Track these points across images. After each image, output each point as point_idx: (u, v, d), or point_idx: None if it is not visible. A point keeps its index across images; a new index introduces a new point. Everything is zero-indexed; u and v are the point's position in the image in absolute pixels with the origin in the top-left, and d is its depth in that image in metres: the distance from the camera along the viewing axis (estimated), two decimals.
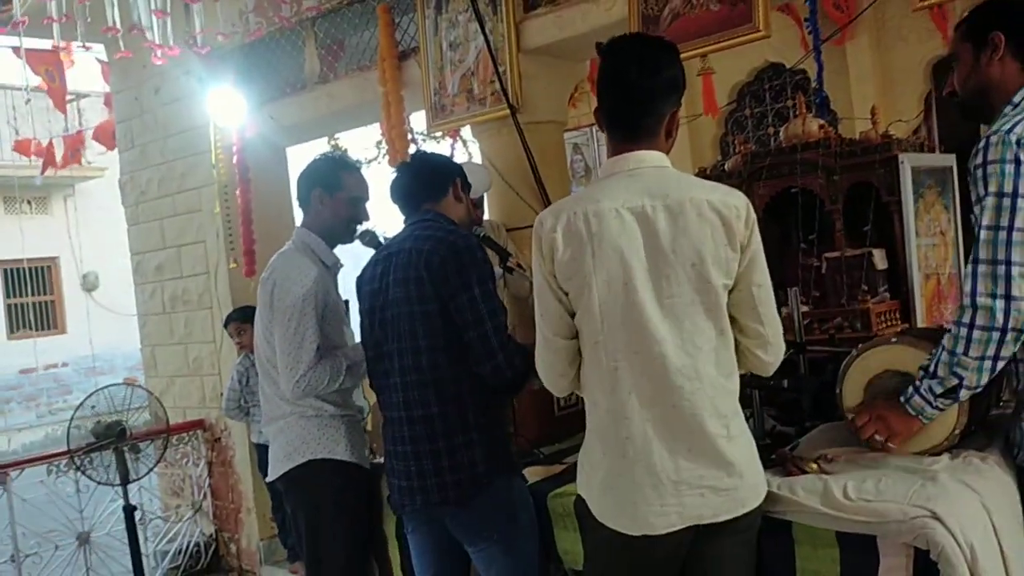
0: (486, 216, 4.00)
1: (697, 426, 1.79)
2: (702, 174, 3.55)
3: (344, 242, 2.85)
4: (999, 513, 1.89)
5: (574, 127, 7.38)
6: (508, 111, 4.03)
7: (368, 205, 2.86)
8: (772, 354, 1.92)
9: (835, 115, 6.27)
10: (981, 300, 1.79)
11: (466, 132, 7.05)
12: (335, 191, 2.77)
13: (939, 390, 1.91)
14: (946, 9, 4.59)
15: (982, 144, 1.90)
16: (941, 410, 1.96)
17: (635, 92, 1.86)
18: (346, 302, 2.85)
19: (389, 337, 2.36)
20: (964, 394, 1.91)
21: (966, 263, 2.81)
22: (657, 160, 1.88)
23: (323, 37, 5.00)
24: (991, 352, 1.82)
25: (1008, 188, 1.82)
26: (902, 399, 2.00)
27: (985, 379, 1.88)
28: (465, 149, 7.97)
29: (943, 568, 1.74)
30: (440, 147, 8.00)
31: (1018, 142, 1.84)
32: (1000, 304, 1.77)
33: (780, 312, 2.88)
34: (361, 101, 4.80)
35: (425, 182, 2.50)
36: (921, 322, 3.04)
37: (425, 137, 6.45)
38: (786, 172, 3.28)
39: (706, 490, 1.79)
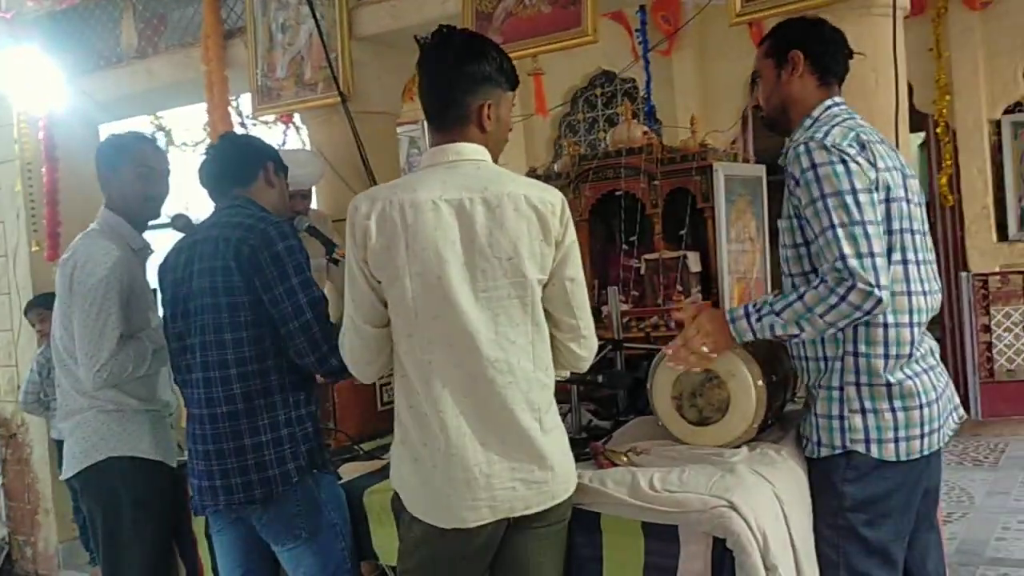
0: (313, 205, 3.89)
1: (510, 419, 1.80)
2: (532, 173, 3.60)
3: (149, 218, 2.70)
4: (790, 502, 2.01)
5: (411, 120, 7.33)
6: (338, 98, 3.94)
7: (170, 180, 2.74)
8: (586, 348, 1.96)
9: (660, 123, 6.54)
10: (861, 284, 1.88)
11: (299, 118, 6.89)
12: (118, 165, 2.64)
13: (778, 331, 2.01)
14: (763, 27, 4.85)
15: (800, 150, 2.01)
16: (757, 339, 2.06)
17: (438, 84, 1.88)
18: (154, 290, 2.69)
19: (192, 330, 2.24)
20: (793, 340, 2.06)
21: (772, 267, 2.98)
22: (475, 153, 1.88)
23: (143, 10, 4.72)
24: (840, 324, 1.94)
25: (846, 186, 1.94)
26: (729, 318, 2.07)
27: (809, 339, 2.03)
28: (299, 136, 7.75)
29: (737, 555, 1.83)
30: (272, 132, 7.76)
31: (835, 147, 1.97)
32: (877, 292, 1.89)
33: (601, 311, 2.99)
34: (183, 79, 4.56)
35: (234, 165, 2.38)
36: None
37: (255, 121, 6.22)
38: (611, 175, 3.38)
39: (518, 483, 1.81)
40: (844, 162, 1.96)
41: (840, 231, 1.92)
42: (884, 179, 2.00)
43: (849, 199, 1.93)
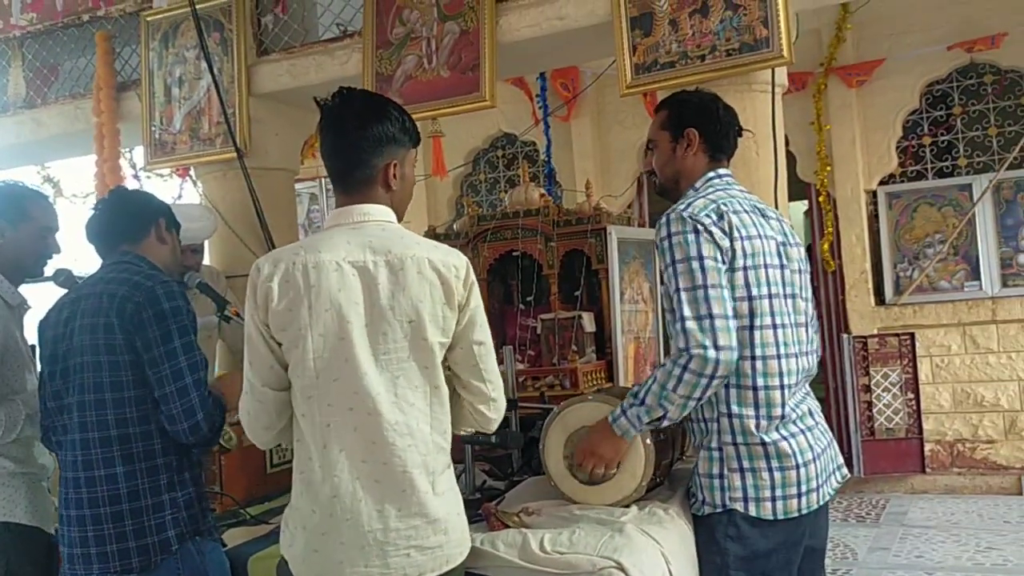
0: (206, 261, 3.82)
1: (408, 483, 1.79)
2: (432, 232, 3.63)
3: (31, 276, 2.60)
4: (676, 561, 2.04)
5: (310, 177, 7.30)
6: (235, 154, 3.92)
7: (59, 237, 2.64)
8: (495, 410, 1.98)
9: (560, 186, 6.70)
10: (695, 350, 1.99)
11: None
12: (19, 222, 2.54)
13: (646, 418, 2.10)
14: (656, 97, 5.06)
15: (663, 221, 2.13)
16: (642, 431, 2.14)
17: (342, 147, 1.89)
18: (32, 347, 2.58)
19: (71, 388, 2.16)
20: (665, 423, 2.12)
21: (664, 327, 3.06)
22: (381, 214, 1.90)
23: (32, 59, 4.60)
24: (696, 394, 2.03)
25: (693, 253, 2.05)
26: (610, 419, 2.15)
27: (683, 414, 2.09)
28: (196, 189, 7.60)
29: None
30: (167, 186, 7.60)
31: (691, 217, 2.08)
32: (711, 354, 1.98)
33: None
34: (73, 130, 4.47)
35: (123, 220, 2.33)
36: (624, 380, 3.27)
37: (149, 174, 6.09)
38: (509, 236, 3.45)
39: (413, 549, 1.79)
40: (696, 232, 2.07)
41: (684, 295, 2.03)
42: (741, 248, 2.10)
43: (695, 264, 2.04)
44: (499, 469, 2.82)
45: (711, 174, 2.26)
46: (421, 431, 1.82)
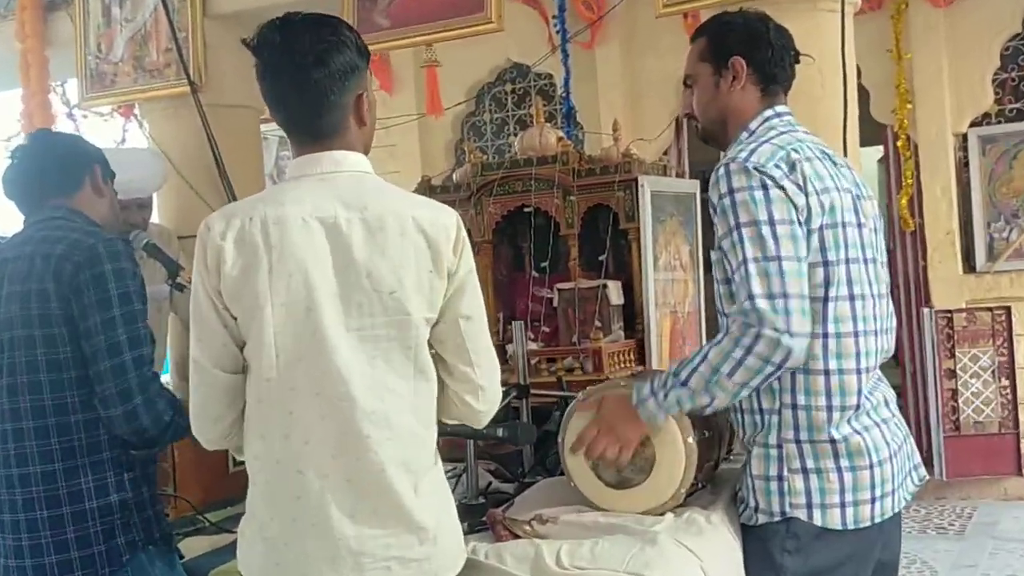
0: (154, 219, 3.84)
1: (386, 484, 1.80)
2: (427, 185, 3.63)
3: None
4: None
5: None
6: (187, 87, 3.91)
7: None
8: (484, 401, 1.97)
9: (582, 128, 6.66)
10: (768, 331, 1.96)
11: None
12: None
13: (688, 405, 2.08)
14: (699, 19, 5.02)
15: (721, 172, 2.10)
16: (668, 415, 2.14)
17: (307, 90, 1.85)
18: None
19: (2, 369, 2.19)
20: (706, 412, 2.11)
21: (707, 300, 3.06)
22: (357, 164, 1.90)
23: None
24: (755, 382, 2.01)
25: (763, 215, 2.02)
26: (634, 400, 2.14)
27: (730, 403, 2.10)
28: (142, 131, 7.59)
29: None
30: (108, 127, 7.58)
31: (758, 168, 2.05)
32: (786, 340, 1.95)
33: (505, 350, 3.02)
34: None
35: (51, 170, 2.34)
36: (657, 364, 3.28)
37: (85, 112, 6.08)
38: (520, 189, 3.45)
39: (393, 562, 1.80)
40: (765, 187, 2.04)
41: (753, 267, 2.00)
42: (818, 203, 2.09)
43: (766, 229, 2.02)
44: (507, 469, 2.84)
45: (768, 112, 2.24)
46: (402, 422, 1.83)
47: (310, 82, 1.85)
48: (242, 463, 2.88)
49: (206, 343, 1.84)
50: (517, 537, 2.16)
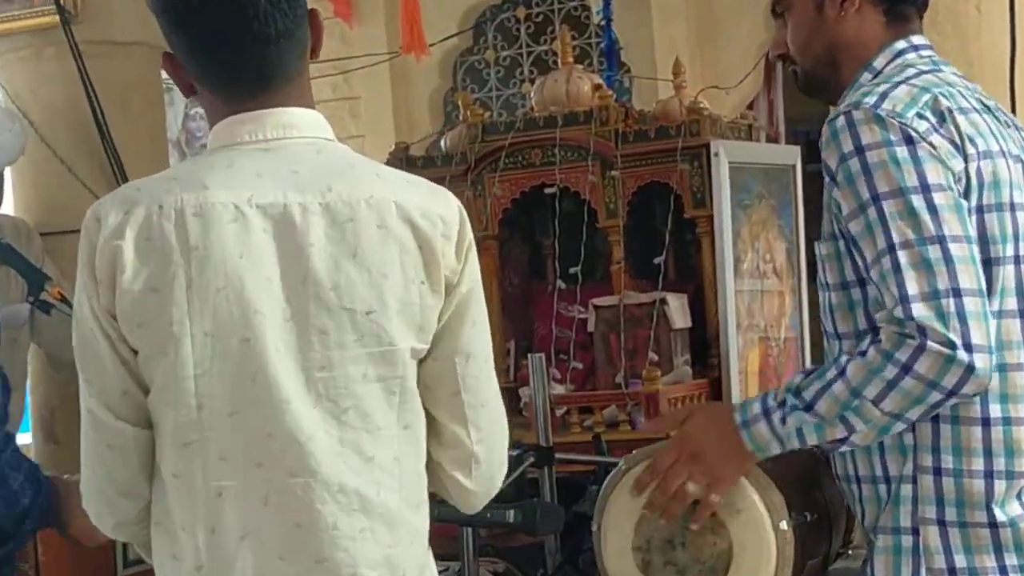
0: (7, 208, 3.87)
1: None
2: (402, 155, 3.64)
3: None
4: None
5: None
6: (56, 17, 3.94)
7: None
8: (479, 481, 1.96)
9: (628, 71, 6.67)
10: (935, 344, 1.94)
11: None
12: None
13: (812, 438, 2.07)
14: None
15: (840, 124, 2.09)
16: (786, 449, 2.12)
17: (249, 16, 1.80)
18: None
19: None
20: (841, 449, 2.11)
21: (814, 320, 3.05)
22: (315, 126, 1.89)
23: None
24: (912, 414, 2.00)
25: (912, 180, 2.01)
26: (738, 419, 2.14)
27: (875, 442, 2.07)
28: None
29: None
30: None
31: (895, 116, 2.05)
32: (963, 356, 1.93)
33: (518, 395, 3.02)
34: None
35: None
36: None
37: None
38: (539, 160, 3.45)
39: None
40: (910, 141, 2.04)
41: (903, 256, 1.99)
42: (979, 172, 2.08)
43: (917, 200, 2.01)
44: (522, 570, 2.85)
45: (901, 44, 2.25)
46: (385, 504, 1.82)
47: (253, 4, 1.81)
48: (136, 562, 2.93)
49: (99, 386, 1.83)
50: None
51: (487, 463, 1.94)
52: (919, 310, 1.95)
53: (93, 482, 1.88)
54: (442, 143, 3.71)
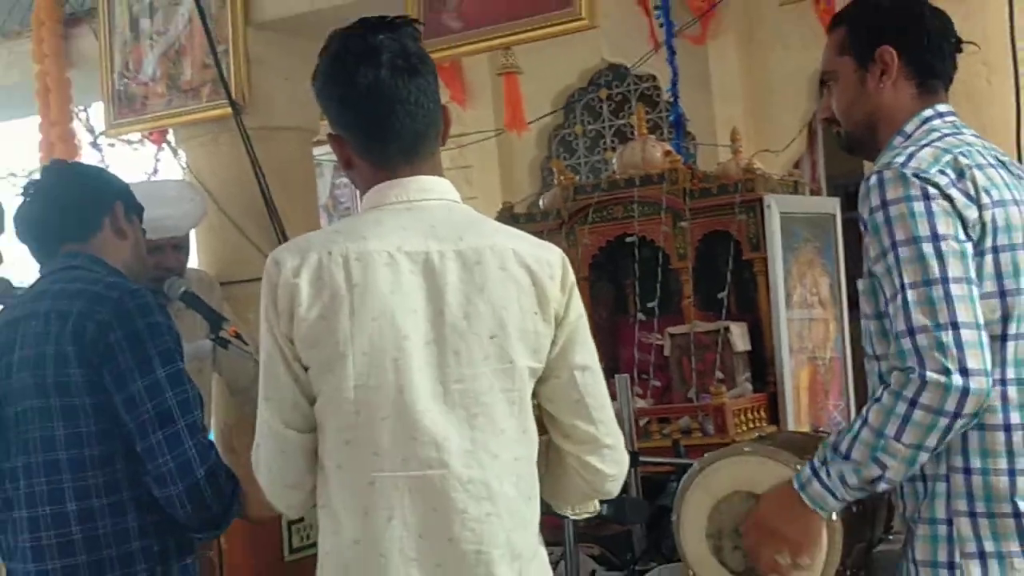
0: (192, 264, 3.92)
1: (484, 570, 1.80)
2: (508, 212, 3.65)
3: None
4: None
5: None
6: (229, 109, 4.00)
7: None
8: (612, 463, 1.96)
9: (693, 139, 6.63)
10: (932, 375, 1.90)
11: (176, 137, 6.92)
12: None
13: (854, 481, 2.02)
14: (834, 6, 4.97)
15: (873, 182, 2.06)
16: (848, 502, 2.08)
17: (405, 102, 1.89)
18: None
19: (12, 448, 2.25)
20: (881, 487, 2.04)
21: (855, 343, 3.00)
22: (446, 191, 1.94)
23: None
24: (931, 442, 1.95)
25: (925, 231, 1.98)
26: (796, 485, 2.10)
27: (909, 473, 2.02)
28: (177, 160, 7.79)
29: None
30: (138, 156, 7.80)
31: (919, 175, 2.01)
32: (958, 381, 1.90)
33: None
34: (6, 82, 4.62)
35: (66, 209, 2.40)
36: (793, 423, 3.23)
37: (112, 140, 6.26)
38: (620, 215, 3.45)
39: None
40: (927, 197, 2.00)
41: (912, 294, 1.96)
42: (993, 219, 2.04)
43: (928, 247, 1.97)
44: (614, 554, 2.83)
45: (927, 112, 2.20)
46: (506, 495, 1.83)
47: (408, 93, 1.89)
48: (300, 550, 2.95)
49: (276, 401, 1.87)
50: None
51: (617, 449, 1.97)
52: (921, 340, 1.92)
53: (269, 478, 1.92)
54: (540, 202, 3.73)
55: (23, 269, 2.68)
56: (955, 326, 1.92)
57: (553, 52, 5.99)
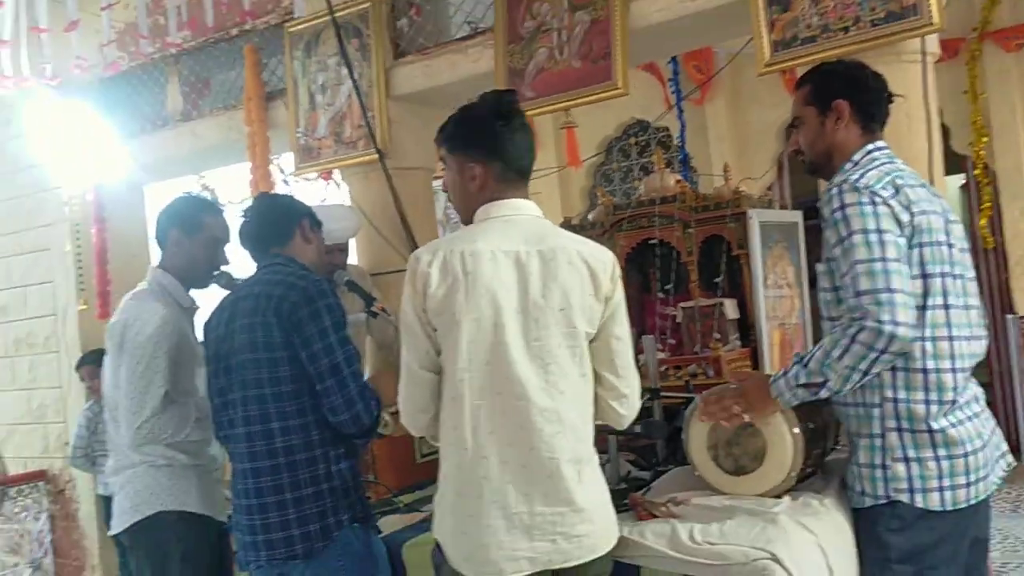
0: (352, 260, 3.96)
1: (555, 470, 1.82)
2: (567, 224, 3.64)
3: (201, 286, 2.74)
4: (834, 553, 1.98)
5: None
6: (376, 155, 4.03)
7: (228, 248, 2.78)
8: (627, 408, 1.98)
9: (695, 171, 6.57)
10: (868, 322, 1.89)
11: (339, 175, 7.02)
12: (195, 233, 2.67)
13: (803, 379, 2.02)
14: (795, 75, 4.89)
15: (834, 191, 2.04)
16: (796, 400, 2.07)
17: (527, 146, 1.97)
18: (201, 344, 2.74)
19: (234, 385, 2.28)
20: (823, 393, 2.03)
21: (812, 312, 2.95)
22: (533, 209, 1.97)
23: (187, 74, 4.89)
24: (862, 366, 1.93)
25: (872, 225, 1.96)
26: (770, 379, 2.10)
27: (846, 388, 2.00)
28: (338, 191, 7.90)
29: None
30: (313, 189, 7.91)
31: (867, 188, 2.00)
32: (887, 328, 1.88)
33: (637, 360, 3.00)
34: (226, 140, 4.70)
35: (270, 225, 2.44)
36: (770, 368, 3.18)
37: (297, 179, 6.36)
38: (645, 224, 3.42)
39: (559, 536, 1.81)
40: (874, 203, 1.98)
41: (860, 267, 1.94)
42: (919, 223, 2.01)
43: (873, 237, 1.95)
44: (643, 459, 2.81)
45: (870, 147, 2.17)
46: (570, 418, 1.85)
47: (527, 139, 1.97)
48: (427, 454, 2.99)
49: (414, 351, 1.90)
50: (655, 517, 2.13)
51: (631, 398, 1.97)
52: (866, 300, 1.91)
53: (407, 407, 1.95)
54: (589, 217, 3.70)
55: (242, 267, 2.71)
56: (891, 291, 1.90)
57: (597, 112, 5.97)
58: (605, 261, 1.91)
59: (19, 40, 3.84)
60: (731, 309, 3.24)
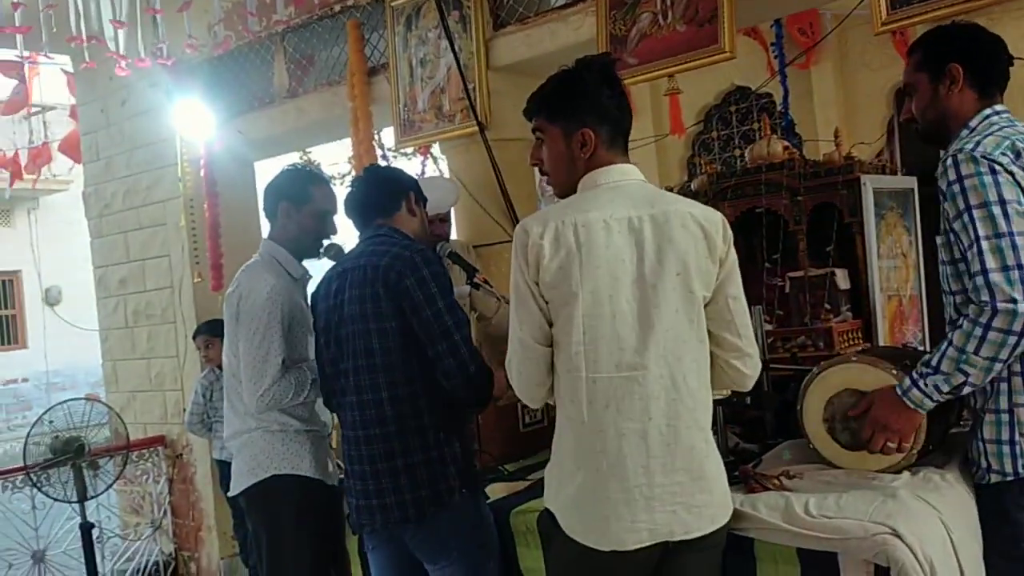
0: (453, 235, 3.99)
1: (674, 439, 1.79)
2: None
3: (311, 256, 2.81)
4: (957, 530, 1.90)
5: None
6: (476, 128, 4.03)
7: (336, 219, 2.83)
8: (750, 366, 1.93)
9: (800, 138, 6.36)
10: (1002, 304, 1.81)
11: (436, 148, 7.07)
12: (303, 204, 2.74)
13: (945, 388, 1.94)
14: (908, 36, 4.66)
15: (949, 163, 1.94)
16: (939, 402, 1.99)
17: (628, 108, 1.95)
18: None
19: (345, 355, 2.33)
20: (967, 391, 1.95)
21: (928, 284, 2.83)
22: (638, 174, 1.93)
23: (292, 51, 4.98)
24: (1003, 355, 1.85)
25: (993, 197, 1.86)
26: (899, 392, 2.03)
27: (987, 380, 1.91)
28: (435, 165, 7.98)
29: None
30: (410, 163, 8.02)
31: (985, 156, 1.89)
32: (1022, 308, 1.80)
33: None
34: (330, 116, 4.77)
35: (377, 196, 2.48)
36: (883, 341, 3.08)
37: (396, 153, 6.44)
38: (751, 192, 3.34)
39: (679, 507, 1.79)
40: (993, 172, 1.88)
41: (984, 243, 1.84)
42: None
43: (996, 210, 1.85)
44: (750, 432, 2.76)
45: (987, 111, 2.06)
46: (689, 386, 1.82)
47: (627, 102, 1.95)
48: (530, 425, 3.00)
49: (528, 325, 1.88)
50: (766, 490, 2.10)
51: (752, 356, 1.93)
52: (994, 277, 1.82)
53: (520, 379, 1.93)
54: (691, 186, 3.63)
55: (347, 238, 2.76)
56: (1020, 267, 1.80)
57: (697, 79, 5.83)
58: (716, 222, 1.86)
59: (135, 21, 3.96)
60: (843, 279, 3.15)
